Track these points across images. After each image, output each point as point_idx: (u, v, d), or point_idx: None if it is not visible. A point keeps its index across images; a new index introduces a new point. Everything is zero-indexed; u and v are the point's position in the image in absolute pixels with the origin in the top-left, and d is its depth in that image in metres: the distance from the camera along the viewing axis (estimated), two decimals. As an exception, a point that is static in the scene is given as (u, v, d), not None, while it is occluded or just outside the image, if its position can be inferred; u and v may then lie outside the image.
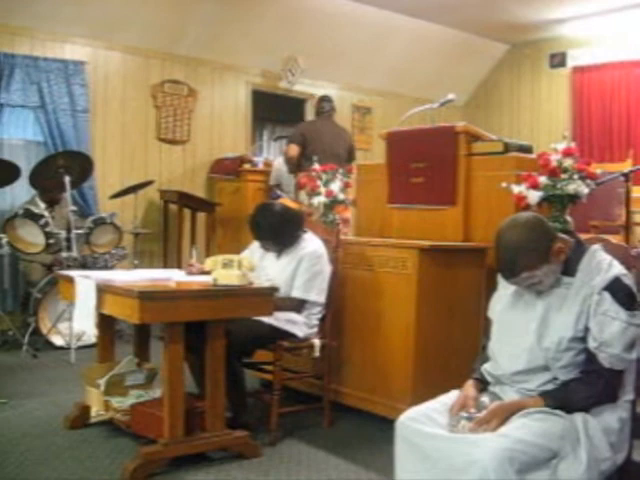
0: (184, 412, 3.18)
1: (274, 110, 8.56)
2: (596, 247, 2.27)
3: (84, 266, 5.60)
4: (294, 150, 6.60)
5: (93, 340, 5.13)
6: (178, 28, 7.26)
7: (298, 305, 3.76)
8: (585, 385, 2.16)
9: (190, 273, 3.77)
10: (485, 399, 2.28)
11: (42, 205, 5.86)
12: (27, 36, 6.46)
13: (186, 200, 7.02)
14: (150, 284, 3.39)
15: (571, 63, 9.12)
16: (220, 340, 3.28)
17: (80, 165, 5.71)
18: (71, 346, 5.31)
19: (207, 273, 3.47)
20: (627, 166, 5.69)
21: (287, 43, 7.96)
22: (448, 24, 8.69)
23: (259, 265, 3.84)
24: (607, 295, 2.14)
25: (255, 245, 4.07)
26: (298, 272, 3.76)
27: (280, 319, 3.67)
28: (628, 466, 2.26)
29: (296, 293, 3.75)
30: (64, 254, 5.49)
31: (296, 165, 6.64)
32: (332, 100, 7.00)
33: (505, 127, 9.36)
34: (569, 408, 2.14)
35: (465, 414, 2.20)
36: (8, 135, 6.52)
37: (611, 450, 2.13)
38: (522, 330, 2.26)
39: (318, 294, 3.77)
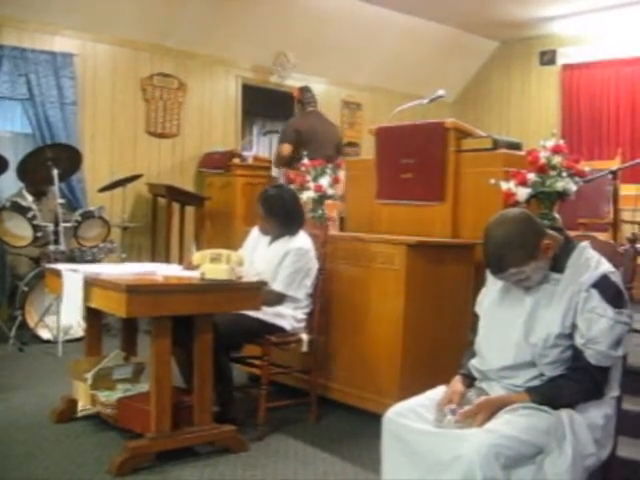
0: (171, 406, 3.18)
1: (264, 105, 8.54)
2: (585, 244, 2.28)
3: (72, 259, 5.57)
4: (288, 150, 6.36)
5: (80, 334, 5.13)
6: (168, 21, 7.22)
7: (278, 298, 3.75)
8: (571, 381, 2.17)
9: (189, 268, 3.72)
10: (472, 395, 2.29)
11: (29, 198, 5.84)
12: (15, 27, 6.41)
13: (175, 194, 6.99)
14: (137, 278, 3.38)
15: (561, 61, 9.15)
16: (207, 334, 3.28)
17: (68, 158, 5.68)
18: (58, 340, 5.29)
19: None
20: (615, 164, 5.73)
21: (278, 38, 7.94)
22: (439, 20, 8.70)
23: (250, 258, 3.85)
24: (595, 292, 2.15)
25: (249, 238, 4.08)
26: (282, 266, 3.77)
27: (267, 312, 3.67)
28: (612, 462, 2.27)
29: (277, 286, 3.75)
30: (52, 247, 5.47)
31: (286, 163, 6.54)
32: (311, 90, 6.79)
33: (494, 124, 9.37)
34: (555, 404, 2.14)
35: (451, 409, 2.21)
36: (-5, 127, 6.49)
37: (596, 446, 2.14)
38: (509, 326, 2.27)
39: (298, 289, 3.78)
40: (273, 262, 3.81)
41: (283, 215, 3.85)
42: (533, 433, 2.06)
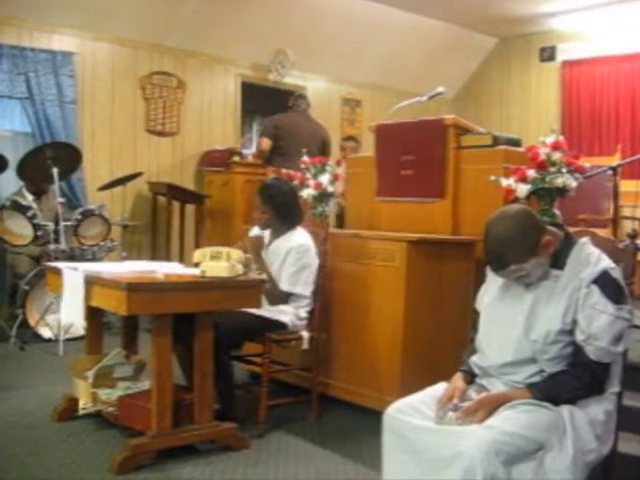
0: (172, 404, 3.17)
1: (263, 102, 8.52)
2: (585, 240, 2.27)
3: (72, 258, 5.56)
4: (267, 144, 6.55)
5: (81, 332, 5.13)
6: (168, 19, 7.21)
7: (284, 297, 3.76)
8: (572, 377, 2.16)
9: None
10: (472, 391, 2.29)
11: (29, 197, 5.84)
12: (14, 26, 6.40)
13: (175, 192, 7.00)
14: (138, 276, 3.38)
15: (561, 57, 9.14)
16: (208, 332, 3.28)
17: (68, 156, 5.67)
18: (59, 338, 5.29)
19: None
20: (615, 160, 5.72)
21: (277, 35, 7.93)
22: (438, 17, 8.69)
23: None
24: (595, 288, 2.15)
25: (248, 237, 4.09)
26: (285, 265, 3.76)
27: (269, 309, 3.67)
28: (613, 457, 2.27)
29: (283, 286, 3.75)
30: (52, 246, 5.46)
31: (267, 159, 6.61)
32: (307, 98, 7.05)
33: (494, 120, 9.36)
34: (556, 400, 2.14)
35: (452, 406, 2.21)
36: (-5, 126, 6.49)
37: (597, 442, 2.14)
38: (510, 322, 2.26)
39: (304, 287, 3.78)
40: (274, 262, 3.80)
41: (281, 206, 3.83)
42: (534, 429, 2.05)
